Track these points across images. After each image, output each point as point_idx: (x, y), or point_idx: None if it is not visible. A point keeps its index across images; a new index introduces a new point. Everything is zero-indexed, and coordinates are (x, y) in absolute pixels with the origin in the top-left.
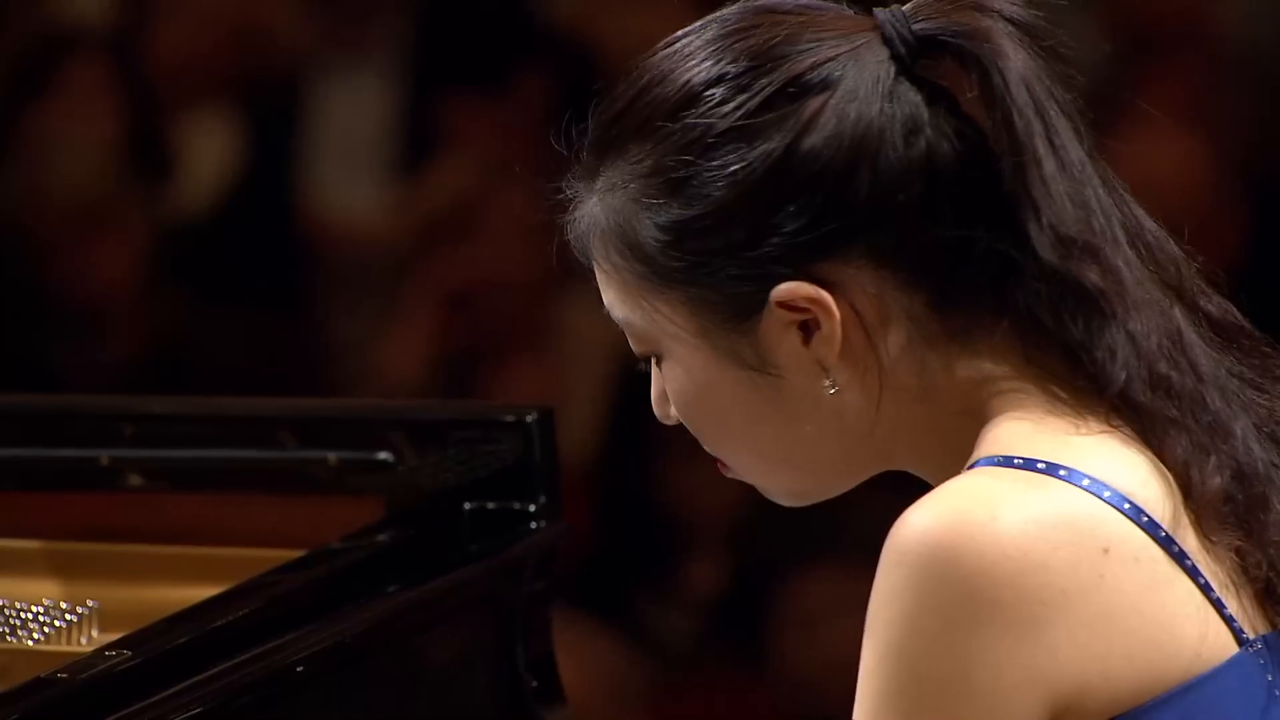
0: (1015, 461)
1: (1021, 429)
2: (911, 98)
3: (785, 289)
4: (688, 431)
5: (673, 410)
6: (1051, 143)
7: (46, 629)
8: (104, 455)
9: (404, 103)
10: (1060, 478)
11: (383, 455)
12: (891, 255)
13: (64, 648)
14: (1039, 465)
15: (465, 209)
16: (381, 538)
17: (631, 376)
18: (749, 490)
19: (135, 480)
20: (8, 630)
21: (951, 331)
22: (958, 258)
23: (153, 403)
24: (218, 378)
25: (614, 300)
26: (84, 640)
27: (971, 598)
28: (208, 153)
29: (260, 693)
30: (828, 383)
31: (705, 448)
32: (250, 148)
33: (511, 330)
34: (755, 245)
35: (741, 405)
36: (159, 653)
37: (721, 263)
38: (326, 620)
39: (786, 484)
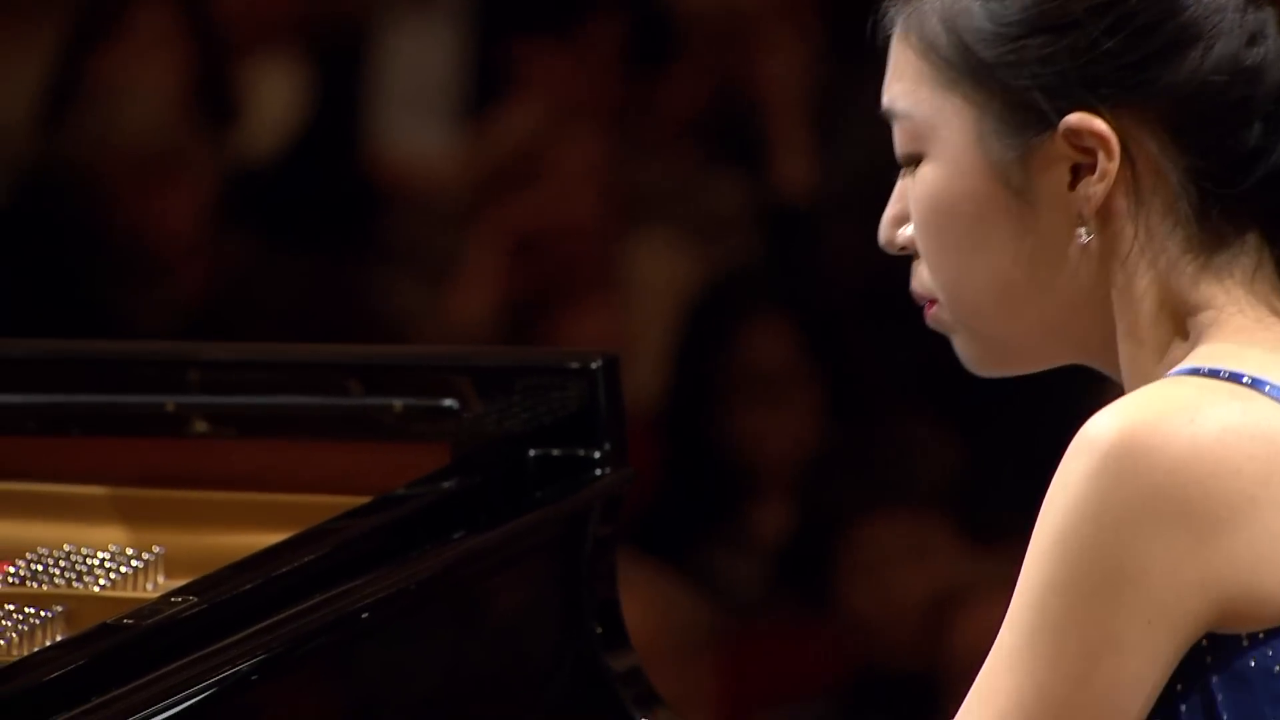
0: (1221, 373)
1: (1230, 348)
2: (1262, 14)
3: (1080, 117)
4: (756, 377)
5: (899, 236)
6: None
7: (113, 575)
8: (169, 401)
9: (471, 46)
10: (1263, 392)
11: (448, 402)
12: (1188, 135)
13: (130, 593)
14: (1243, 379)
15: (532, 154)
16: (446, 484)
17: (697, 322)
18: (816, 436)
19: (201, 426)
20: (74, 576)
21: (1206, 239)
22: (1245, 168)
23: (218, 349)
24: (283, 324)
25: (904, 89)
26: (150, 586)
27: (1160, 493)
28: (274, 98)
29: (325, 639)
30: (1082, 230)
31: (923, 278)
32: (317, 92)
33: (578, 276)
34: (1072, 62)
35: (987, 225)
36: (224, 599)
37: (1033, 70)
38: (392, 567)
39: (995, 333)
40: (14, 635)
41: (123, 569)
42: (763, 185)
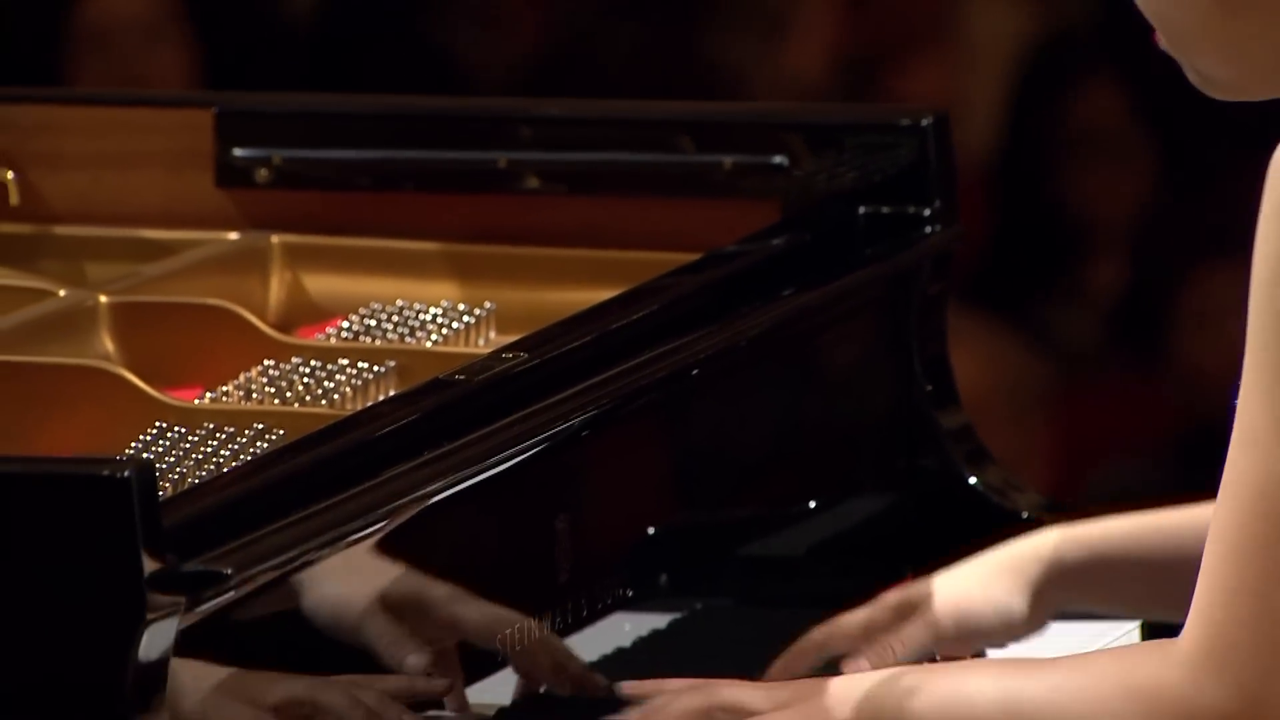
0: None
1: None
2: None
3: None
4: (1091, 133)
5: None
6: None
7: (444, 330)
8: (502, 157)
9: None
10: None
11: (778, 159)
12: None
13: (461, 349)
14: None
15: None
16: (776, 241)
17: (1033, 76)
18: (1150, 190)
19: (532, 183)
20: (406, 331)
21: None
22: None
23: (551, 104)
24: (616, 79)
25: None
26: (481, 342)
27: None
28: None
29: (655, 395)
30: None
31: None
32: None
33: (912, 31)
34: None
35: None
36: (555, 355)
37: None
38: (721, 323)
39: (1208, 70)
40: (347, 390)
41: (454, 324)
42: None
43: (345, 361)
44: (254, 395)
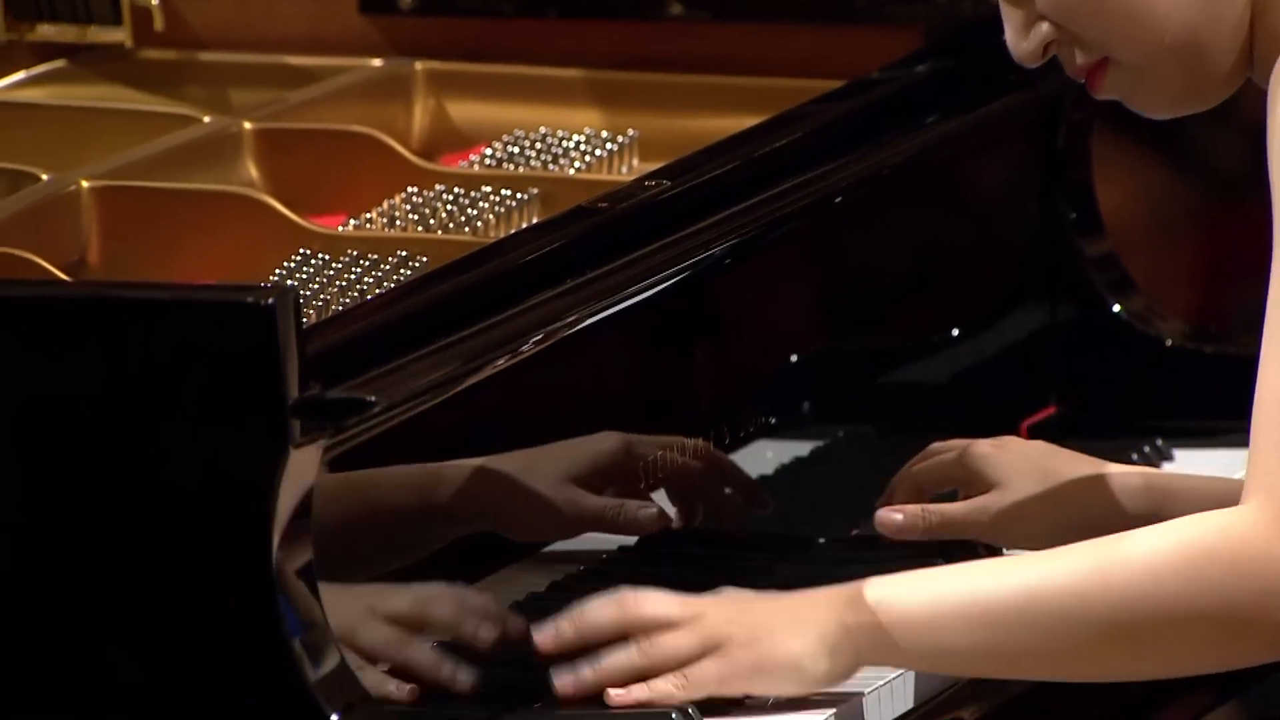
0: None
1: None
2: None
3: None
4: None
5: (1027, 45)
6: None
7: (587, 157)
8: None
9: None
10: None
11: None
12: None
13: (604, 176)
14: None
15: None
16: (919, 69)
17: None
18: None
19: (676, 9)
20: (549, 159)
21: None
22: None
23: None
24: None
25: None
26: (624, 169)
27: None
28: None
29: (798, 223)
30: None
31: (1077, 57)
32: None
33: None
34: None
35: None
36: (698, 182)
37: None
38: (864, 151)
39: (1168, 83)
40: (491, 217)
41: (597, 152)
42: None
43: (488, 189)
44: (397, 222)
